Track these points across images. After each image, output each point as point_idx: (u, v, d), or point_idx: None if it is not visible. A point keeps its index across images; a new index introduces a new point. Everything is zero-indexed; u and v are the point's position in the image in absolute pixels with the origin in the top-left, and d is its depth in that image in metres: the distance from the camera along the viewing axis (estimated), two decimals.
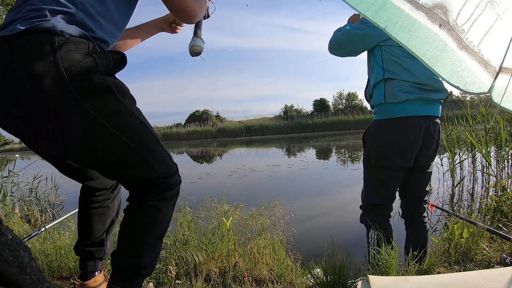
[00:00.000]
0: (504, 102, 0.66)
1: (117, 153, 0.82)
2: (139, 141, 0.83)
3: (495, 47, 0.65)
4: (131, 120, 0.83)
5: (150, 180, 0.85)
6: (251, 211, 1.76)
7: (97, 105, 0.75)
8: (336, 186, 4.41)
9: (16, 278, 0.39)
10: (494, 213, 2.01)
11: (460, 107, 16.50)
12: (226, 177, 5.94)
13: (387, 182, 1.44)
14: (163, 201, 0.88)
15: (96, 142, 0.78)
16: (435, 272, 1.37)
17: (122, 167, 0.84)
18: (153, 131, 0.89)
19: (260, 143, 17.20)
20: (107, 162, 0.84)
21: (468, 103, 10.20)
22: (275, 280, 1.36)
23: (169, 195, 0.89)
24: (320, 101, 33.10)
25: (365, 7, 0.58)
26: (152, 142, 0.87)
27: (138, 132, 0.84)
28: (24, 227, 2.33)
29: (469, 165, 4.05)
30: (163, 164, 0.88)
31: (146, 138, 0.85)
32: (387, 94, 1.37)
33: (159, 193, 0.87)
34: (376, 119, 1.45)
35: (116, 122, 0.78)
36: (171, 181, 0.89)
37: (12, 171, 3.69)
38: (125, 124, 0.81)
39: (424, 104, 1.35)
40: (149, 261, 0.88)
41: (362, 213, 1.52)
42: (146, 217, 0.87)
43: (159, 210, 0.87)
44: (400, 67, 1.35)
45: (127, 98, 0.83)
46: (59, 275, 1.47)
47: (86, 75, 0.72)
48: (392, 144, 1.38)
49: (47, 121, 0.74)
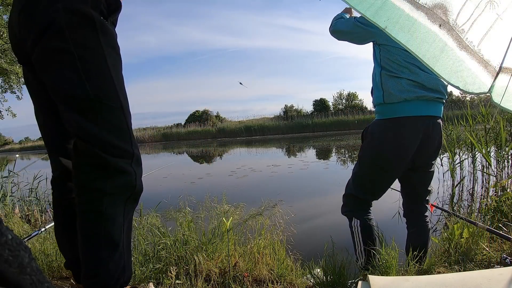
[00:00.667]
0: (504, 102, 0.66)
1: (70, 85, 0.77)
2: (96, 88, 0.77)
3: (495, 47, 0.65)
4: (100, 65, 0.78)
5: (92, 143, 0.77)
6: (251, 211, 1.75)
7: (73, 29, 0.75)
8: (336, 186, 4.40)
9: (16, 278, 0.39)
10: (494, 213, 2.01)
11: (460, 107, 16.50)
12: (226, 177, 5.93)
13: (374, 180, 1.44)
14: (106, 188, 0.78)
15: (57, 67, 0.77)
16: (435, 272, 1.37)
17: (71, 107, 0.78)
18: (121, 96, 0.82)
19: (260, 143, 17.19)
20: (62, 90, 0.78)
21: (468, 103, 10.21)
22: (275, 280, 1.36)
23: (112, 184, 0.78)
24: (320, 101, 33.08)
25: (365, 7, 0.58)
26: (112, 101, 0.80)
27: (100, 79, 0.78)
28: (24, 227, 2.33)
29: (469, 165, 4.05)
30: (114, 132, 0.80)
31: (107, 92, 0.79)
32: (385, 94, 1.37)
33: (100, 172, 0.78)
34: (376, 119, 1.46)
35: (82, 55, 0.76)
36: (119, 163, 0.79)
37: (12, 171, 3.69)
38: (90, 63, 0.77)
39: (424, 103, 1.34)
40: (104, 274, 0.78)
41: (343, 204, 1.53)
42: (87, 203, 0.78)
43: (100, 200, 0.77)
44: (397, 65, 1.34)
45: (108, 46, 0.80)
46: (59, 275, 1.47)
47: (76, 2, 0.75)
48: (388, 144, 1.37)
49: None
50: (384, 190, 1.47)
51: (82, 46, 0.76)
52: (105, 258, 0.79)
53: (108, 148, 0.78)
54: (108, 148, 0.78)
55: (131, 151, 0.82)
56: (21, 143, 42.27)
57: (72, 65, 0.76)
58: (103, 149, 0.78)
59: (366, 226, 1.41)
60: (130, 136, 0.83)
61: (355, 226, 1.44)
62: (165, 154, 13.73)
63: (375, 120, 1.47)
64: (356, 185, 1.49)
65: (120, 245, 0.82)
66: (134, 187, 0.83)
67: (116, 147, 0.79)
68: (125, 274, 0.84)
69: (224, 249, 1.46)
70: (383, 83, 1.37)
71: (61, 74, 0.77)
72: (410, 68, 1.32)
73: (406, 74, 1.33)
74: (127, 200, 0.83)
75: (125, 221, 0.83)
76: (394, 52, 1.34)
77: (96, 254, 0.79)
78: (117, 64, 0.83)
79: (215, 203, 1.78)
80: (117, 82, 0.81)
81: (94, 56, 0.78)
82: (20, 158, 16.50)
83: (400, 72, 1.34)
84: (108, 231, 0.79)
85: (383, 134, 1.40)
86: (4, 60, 7.13)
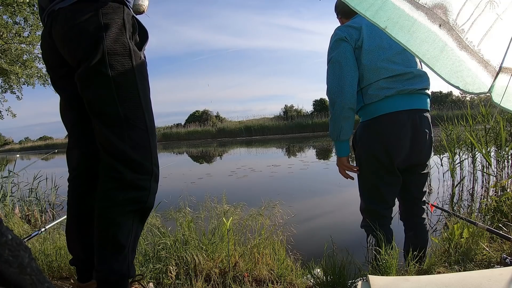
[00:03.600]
0: (504, 102, 0.66)
1: (104, 104, 0.89)
2: (126, 108, 0.89)
3: (495, 47, 0.65)
4: (131, 89, 0.91)
5: (116, 156, 0.88)
6: (251, 211, 1.76)
7: (113, 56, 0.88)
8: (336, 186, 4.41)
9: (16, 278, 0.39)
10: (494, 213, 2.01)
11: (460, 107, 16.50)
12: (226, 177, 5.94)
13: (378, 184, 1.40)
14: (118, 199, 0.89)
15: (96, 87, 0.89)
16: (435, 272, 1.37)
17: (103, 122, 0.90)
18: (147, 118, 0.93)
19: (260, 143, 17.19)
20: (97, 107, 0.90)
21: (468, 103, 10.20)
22: (275, 280, 1.36)
23: (125, 196, 0.90)
24: (320, 101, 33.06)
25: (365, 7, 0.58)
26: (139, 122, 0.91)
27: (130, 102, 0.90)
28: (24, 227, 2.33)
29: (469, 165, 4.05)
30: (137, 149, 0.90)
31: (134, 113, 0.91)
32: (364, 96, 1.36)
33: (117, 184, 0.89)
34: (360, 121, 1.45)
35: (118, 79, 0.88)
36: (135, 179, 0.90)
37: (12, 171, 3.69)
38: (123, 86, 0.89)
39: (406, 97, 1.30)
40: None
41: (362, 218, 1.50)
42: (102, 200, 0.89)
43: (112, 208, 0.88)
44: (368, 68, 1.32)
45: (140, 72, 0.93)
46: (59, 275, 1.47)
47: (115, 30, 0.89)
48: (378, 143, 1.34)
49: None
50: (392, 194, 1.43)
51: (118, 71, 0.89)
52: (110, 258, 0.90)
53: (128, 163, 0.89)
54: (129, 163, 0.89)
55: (150, 169, 0.93)
56: (21, 143, 42.31)
57: (108, 87, 0.88)
58: (124, 163, 0.89)
59: (383, 241, 1.34)
60: (151, 155, 0.93)
61: (370, 243, 1.41)
62: (165, 154, 13.72)
63: (359, 124, 1.45)
64: (364, 196, 1.47)
65: (126, 249, 0.92)
66: (144, 202, 0.93)
67: (136, 163, 0.90)
68: (129, 272, 0.94)
69: (224, 249, 1.46)
70: (362, 88, 1.37)
71: (98, 93, 0.90)
72: (379, 65, 1.30)
73: (378, 73, 1.31)
74: (135, 211, 0.92)
75: (132, 229, 0.93)
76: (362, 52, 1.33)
77: (103, 253, 0.90)
78: (146, 89, 0.95)
79: (215, 203, 1.78)
80: (145, 105, 0.93)
81: (127, 80, 0.91)
82: (20, 158, 16.49)
83: (371, 74, 1.32)
84: (115, 235, 0.89)
85: (370, 135, 1.38)
86: (4, 60, 7.13)
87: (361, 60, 1.33)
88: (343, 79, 1.33)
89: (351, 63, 1.33)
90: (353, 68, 1.34)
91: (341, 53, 1.33)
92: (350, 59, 1.33)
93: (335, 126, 1.38)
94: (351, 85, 1.33)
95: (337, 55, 1.34)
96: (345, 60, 1.33)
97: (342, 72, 1.33)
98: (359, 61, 1.34)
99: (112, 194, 0.89)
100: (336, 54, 1.34)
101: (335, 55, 1.35)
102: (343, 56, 1.33)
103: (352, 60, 1.34)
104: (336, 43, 1.36)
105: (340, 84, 1.33)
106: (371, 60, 1.31)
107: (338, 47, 1.35)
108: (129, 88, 0.91)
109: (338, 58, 1.34)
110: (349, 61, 1.33)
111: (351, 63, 1.33)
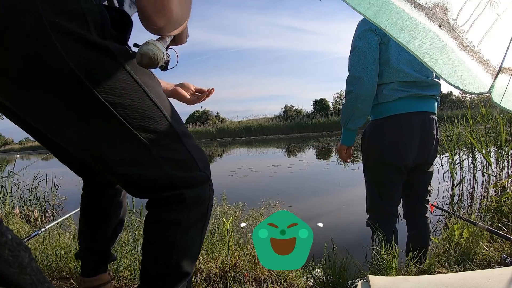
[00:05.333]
0: (504, 102, 0.66)
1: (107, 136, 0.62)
2: (145, 128, 0.64)
3: (495, 47, 0.65)
4: (136, 94, 0.63)
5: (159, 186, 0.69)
6: (251, 211, 1.76)
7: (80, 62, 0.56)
8: (336, 186, 4.41)
9: (16, 278, 0.39)
10: (494, 213, 2.01)
11: (460, 107, 16.51)
12: (226, 177, 5.94)
13: (385, 182, 1.42)
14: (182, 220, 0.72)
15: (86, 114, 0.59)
16: (435, 272, 1.37)
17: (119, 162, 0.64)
18: (171, 118, 0.69)
19: (260, 143, 17.19)
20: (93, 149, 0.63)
21: (468, 103, 10.21)
22: (275, 280, 1.36)
23: (188, 214, 0.72)
24: (320, 101, 33.11)
25: (365, 7, 0.58)
26: (167, 132, 0.69)
27: (144, 113, 0.64)
28: (24, 227, 2.33)
29: (469, 165, 4.05)
30: (179, 166, 0.70)
31: (158, 125, 0.67)
32: (379, 95, 1.37)
33: (177, 205, 0.71)
34: (371, 120, 1.45)
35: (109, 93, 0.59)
36: (195, 192, 0.72)
37: (12, 171, 3.69)
38: (125, 99, 0.62)
39: (418, 100, 1.33)
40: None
41: (368, 217, 1.52)
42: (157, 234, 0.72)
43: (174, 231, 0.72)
44: (390, 66, 1.33)
45: (138, 70, 0.64)
46: (59, 275, 1.47)
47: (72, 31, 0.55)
48: (388, 142, 1.36)
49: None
50: (398, 191, 1.45)
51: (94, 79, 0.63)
52: (171, 286, 0.77)
53: (177, 183, 0.71)
54: (178, 182, 0.71)
55: (204, 175, 0.75)
56: (21, 143, 42.31)
57: None
58: (174, 187, 0.71)
59: (383, 242, 1.34)
60: (196, 162, 0.74)
61: (375, 240, 1.42)
62: None
63: (370, 121, 1.46)
64: (371, 193, 1.48)
65: (190, 274, 0.80)
66: (206, 214, 0.77)
67: (186, 178, 0.72)
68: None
69: (224, 249, 1.46)
70: (377, 88, 1.37)
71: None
72: (400, 68, 1.31)
73: (396, 75, 1.32)
74: (203, 228, 0.78)
75: (199, 249, 0.80)
76: (385, 52, 1.33)
77: (164, 281, 0.76)
78: (152, 87, 0.69)
79: (215, 203, 1.78)
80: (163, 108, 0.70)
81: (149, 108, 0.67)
82: (20, 158, 16.49)
83: (389, 75, 1.33)
84: (178, 261, 0.75)
85: (381, 133, 1.39)
86: None
87: (384, 57, 1.33)
88: (366, 70, 1.32)
89: (375, 56, 1.33)
90: (377, 61, 1.33)
91: (367, 44, 1.32)
92: (374, 52, 1.32)
93: (345, 113, 1.39)
94: (371, 77, 1.32)
95: (363, 45, 1.33)
96: (370, 51, 1.32)
97: (366, 63, 1.32)
98: (381, 57, 1.34)
99: (174, 216, 0.72)
100: (362, 44, 1.33)
101: (361, 44, 1.34)
102: (368, 48, 1.32)
103: (376, 53, 1.33)
104: (364, 33, 1.34)
105: (361, 75, 1.32)
106: (393, 59, 1.32)
107: (365, 37, 1.33)
108: (127, 95, 0.63)
109: (364, 48, 1.33)
110: (374, 54, 1.32)
111: (375, 56, 1.33)
